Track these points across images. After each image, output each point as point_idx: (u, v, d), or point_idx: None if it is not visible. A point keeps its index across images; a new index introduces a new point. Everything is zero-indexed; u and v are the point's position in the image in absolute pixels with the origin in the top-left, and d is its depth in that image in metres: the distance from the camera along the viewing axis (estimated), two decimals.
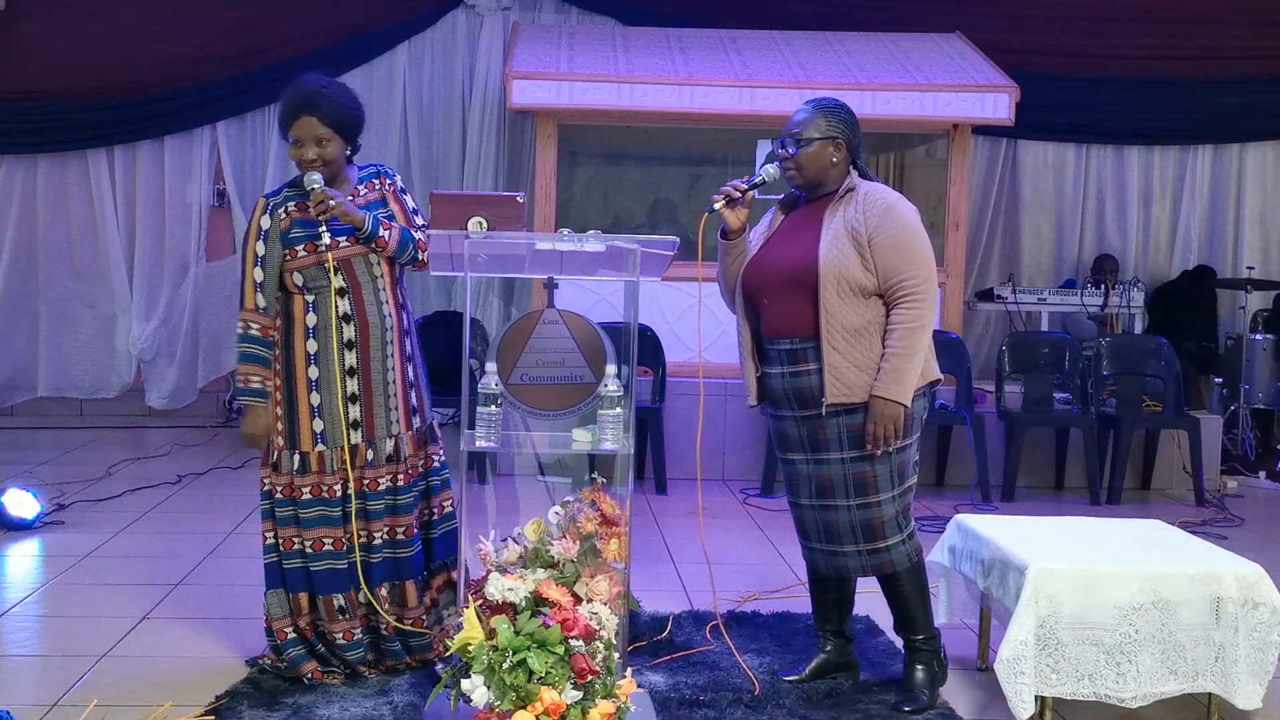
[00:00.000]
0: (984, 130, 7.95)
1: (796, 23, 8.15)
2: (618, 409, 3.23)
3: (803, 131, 3.48)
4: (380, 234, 3.48)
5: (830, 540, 3.52)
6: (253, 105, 8.46)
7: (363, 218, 3.46)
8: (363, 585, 3.55)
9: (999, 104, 7.03)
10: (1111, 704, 3.31)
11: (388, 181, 3.64)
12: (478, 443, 3.23)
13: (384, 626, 3.60)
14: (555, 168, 7.14)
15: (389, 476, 3.57)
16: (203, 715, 3.32)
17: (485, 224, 3.26)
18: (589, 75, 6.94)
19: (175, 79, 8.28)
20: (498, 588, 3.01)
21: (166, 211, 8.46)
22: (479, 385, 3.24)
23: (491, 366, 3.27)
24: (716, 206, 3.51)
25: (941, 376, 3.54)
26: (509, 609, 3.00)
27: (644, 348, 6.59)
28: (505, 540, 3.22)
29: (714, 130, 7.32)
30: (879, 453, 3.39)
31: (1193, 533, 4.11)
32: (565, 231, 3.29)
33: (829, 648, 3.72)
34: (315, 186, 3.42)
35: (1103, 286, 7.90)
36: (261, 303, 3.50)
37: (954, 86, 7.05)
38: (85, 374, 8.49)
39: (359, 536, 3.55)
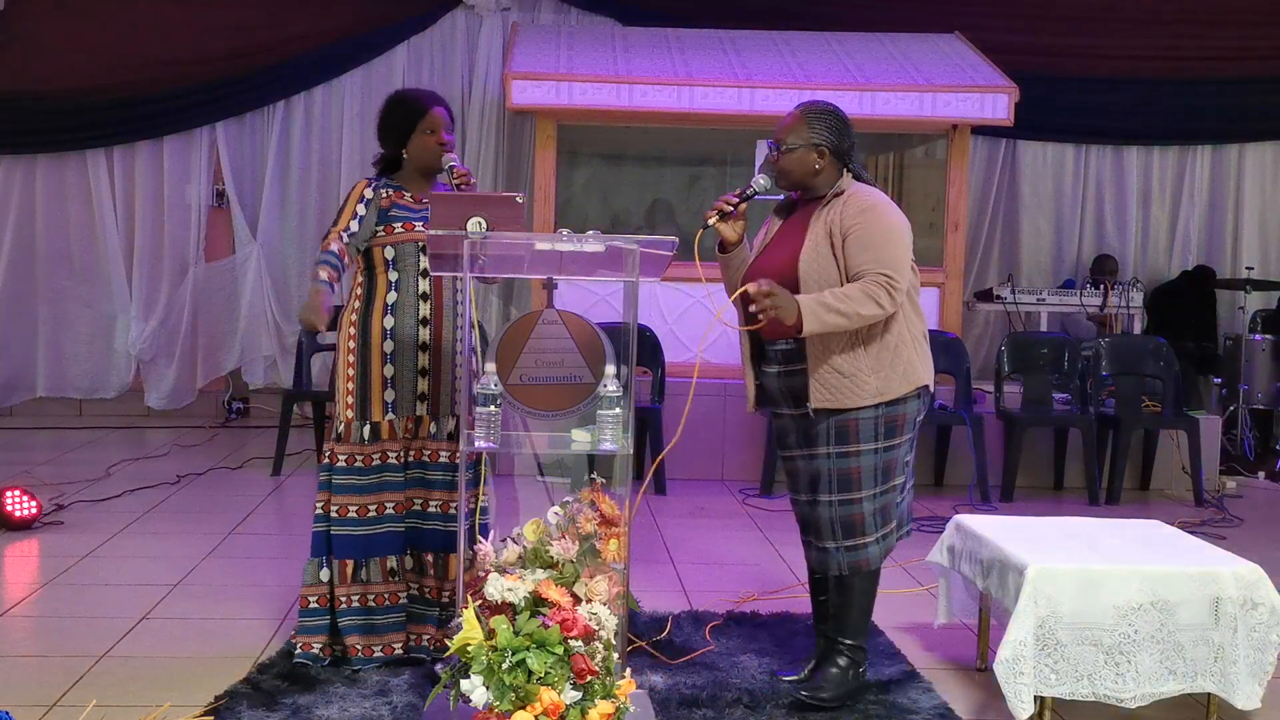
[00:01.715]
0: (983, 130, 7.96)
1: (796, 23, 8.15)
2: (617, 409, 3.23)
3: (785, 137, 3.53)
4: None
5: (818, 536, 3.54)
6: (252, 105, 8.45)
7: None
8: (464, 546, 3.64)
9: (998, 104, 7.03)
10: (1111, 704, 3.31)
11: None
12: (477, 443, 3.23)
13: (429, 591, 3.79)
14: (554, 168, 7.14)
15: (449, 453, 3.76)
16: (202, 715, 3.32)
17: (484, 224, 3.26)
18: (588, 75, 6.94)
19: (175, 79, 8.28)
20: (497, 588, 3.00)
21: (166, 212, 8.46)
22: (478, 385, 3.24)
23: (490, 367, 3.27)
24: (710, 222, 3.56)
25: (929, 382, 3.52)
26: (508, 609, 2.99)
27: (642, 348, 6.59)
28: (504, 540, 3.22)
29: (713, 131, 7.32)
30: (754, 305, 3.33)
31: (1192, 533, 4.11)
32: (564, 232, 3.29)
33: (825, 646, 3.72)
34: (454, 164, 3.73)
35: (1102, 287, 7.90)
36: (345, 238, 3.70)
37: (953, 87, 7.05)
38: (84, 374, 8.49)
39: (415, 504, 3.77)
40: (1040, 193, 8.87)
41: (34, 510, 5.34)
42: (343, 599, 3.72)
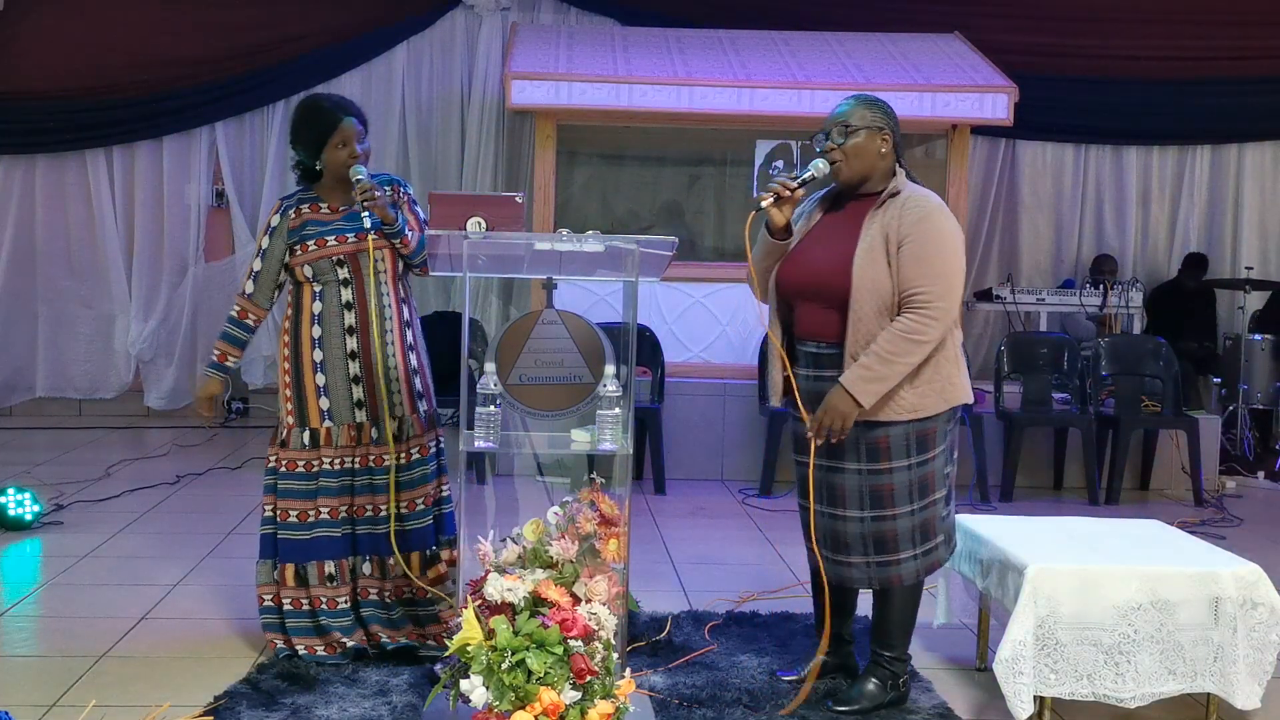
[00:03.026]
0: (983, 130, 7.95)
1: (795, 23, 8.15)
2: (616, 409, 3.23)
3: (850, 120, 3.38)
4: (405, 233, 3.76)
5: (836, 550, 3.46)
6: (252, 105, 8.46)
7: (394, 215, 3.74)
8: (395, 552, 3.76)
9: (998, 104, 7.03)
10: (1110, 704, 3.32)
11: (401, 191, 3.88)
12: (476, 443, 3.23)
13: (389, 594, 3.82)
14: (554, 168, 7.14)
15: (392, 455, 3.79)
16: (201, 715, 3.32)
17: (484, 224, 3.27)
18: (588, 75, 6.94)
19: (174, 79, 8.28)
20: (496, 588, 3.00)
21: (165, 212, 8.46)
22: (478, 385, 3.24)
23: (490, 367, 3.27)
24: (765, 205, 3.38)
25: (967, 399, 3.42)
26: (508, 609, 3.00)
27: (642, 348, 6.59)
28: (504, 540, 3.22)
29: (713, 131, 7.32)
30: (819, 442, 3.32)
31: (1191, 533, 4.11)
32: (564, 232, 3.29)
33: (828, 649, 3.71)
34: (360, 178, 3.68)
35: (1101, 286, 7.90)
36: (250, 289, 3.83)
37: (953, 87, 7.05)
38: (84, 374, 8.49)
39: (366, 511, 3.79)
40: (1040, 193, 8.87)
41: (33, 510, 5.33)
42: (288, 601, 3.77)
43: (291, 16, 8.34)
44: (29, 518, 5.31)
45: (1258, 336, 8.12)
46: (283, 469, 3.77)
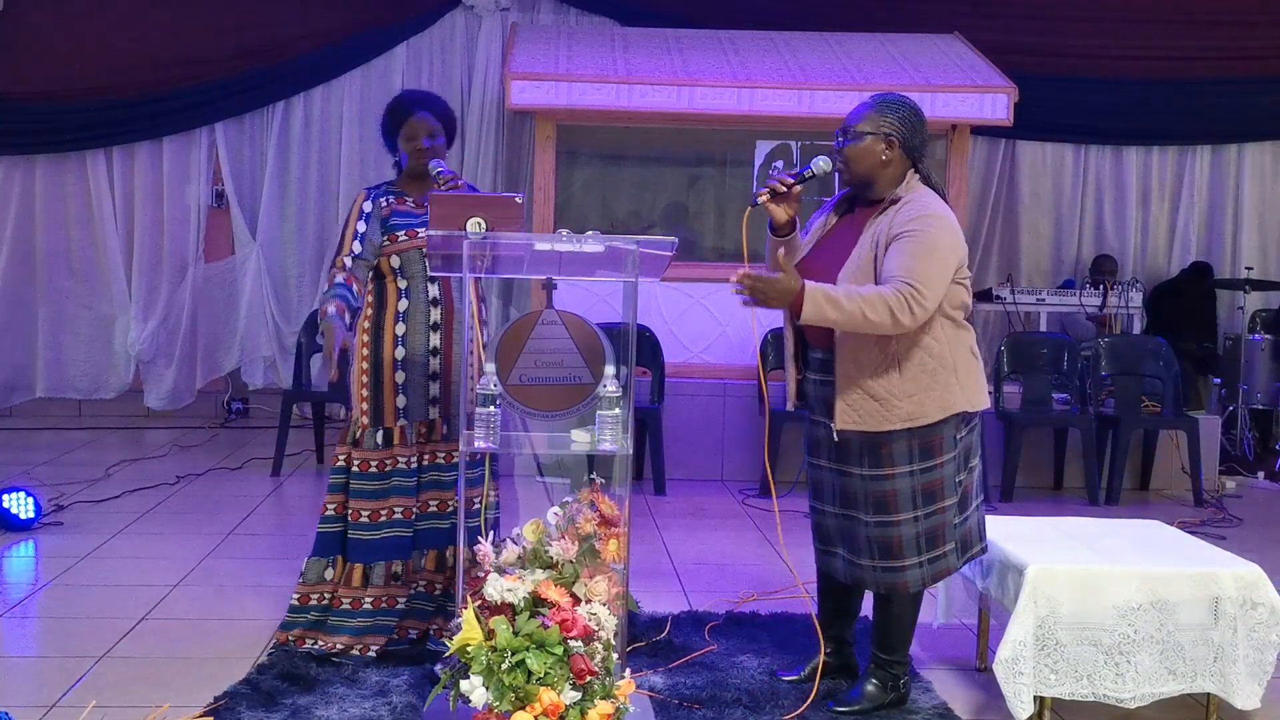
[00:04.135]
0: (983, 130, 7.96)
1: (795, 23, 8.15)
2: (616, 409, 3.23)
3: (855, 125, 3.39)
4: None
5: (852, 551, 3.47)
6: (252, 106, 8.45)
7: None
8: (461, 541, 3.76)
9: (998, 104, 7.04)
10: (1110, 704, 3.32)
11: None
12: (476, 443, 3.23)
13: (438, 587, 3.85)
14: (553, 168, 7.14)
15: None
16: (201, 716, 3.32)
17: (484, 225, 3.27)
18: (587, 76, 6.94)
19: (174, 79, 8.28)
20: (496, 588, 3.00)
21: (165, 212, 8.46)
22: (478, 385, 3.24)
23: (490, 367, 3.27)
24: (760, 200, 3.38)
25: (969, 409, 3.37)
26: (508, 610, 2.99)
27: (642, 348, 6.59)
28: (504, 541, 3.22)
29: (712, 131, 7.33)
30: (747, 286, 3.16)
31: (1191, 533, 4.11)
32: (564, 232, 3.29)
33: (829, 650, 3.71)
34: (439, 170, 3.74)
35: (1101, 287, 7.90)
36: (349, 263, 3.73)
37: (953, 87, 7.05)
38: (84, 375, 8.49)
39: (431, 506, 3.83)
40: (1040, 193, 8.88)
41: (33, 511, 5.33)
42: (346, 601, 3.76)
43: (291, 16, 8.35)
44: (29, 517, 5.31)
45: (1258, 337, 8.12)
46: (355, 468, 3.76)
